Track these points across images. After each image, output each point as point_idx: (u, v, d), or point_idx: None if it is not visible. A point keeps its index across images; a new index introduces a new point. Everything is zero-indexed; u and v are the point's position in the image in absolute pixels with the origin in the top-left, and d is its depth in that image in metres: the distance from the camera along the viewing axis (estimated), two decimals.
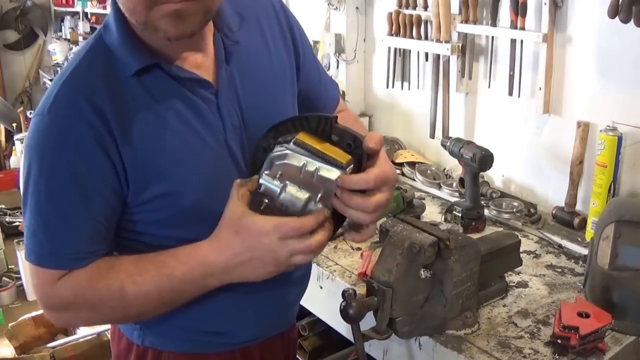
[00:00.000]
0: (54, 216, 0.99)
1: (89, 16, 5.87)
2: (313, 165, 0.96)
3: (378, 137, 0.99)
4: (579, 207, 1.87)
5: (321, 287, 1.65)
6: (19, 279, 3.57)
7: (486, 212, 1.91)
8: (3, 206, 4.39)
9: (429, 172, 2.28)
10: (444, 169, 2.29)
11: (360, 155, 0.99)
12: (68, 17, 6.26)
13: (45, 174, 0.98)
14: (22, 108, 5.77)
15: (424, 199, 2.13)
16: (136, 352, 1.17)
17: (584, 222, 1.79)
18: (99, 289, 1.00)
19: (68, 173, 0.97)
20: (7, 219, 4.18)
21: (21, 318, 2.88)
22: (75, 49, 5.71)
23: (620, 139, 1.67)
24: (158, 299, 1.02)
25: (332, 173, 0.96)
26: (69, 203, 0.98)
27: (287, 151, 0.97)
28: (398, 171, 2.33)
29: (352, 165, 0.98)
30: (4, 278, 3.60)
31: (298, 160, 0.96)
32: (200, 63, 1.05)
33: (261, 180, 0.98)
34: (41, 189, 0.98)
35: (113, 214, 1.02)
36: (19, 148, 5.02)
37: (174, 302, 1.04)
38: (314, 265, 1.58)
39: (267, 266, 0.98)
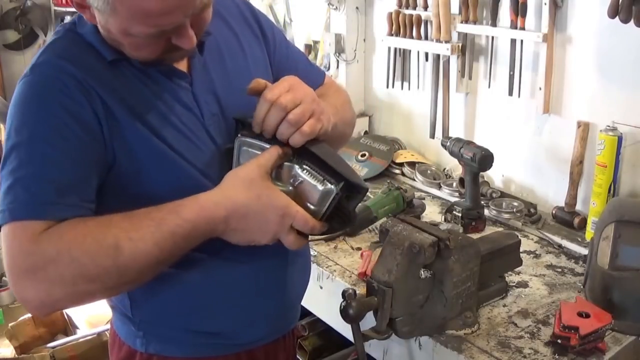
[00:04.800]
0: (33, 164, 0.92)
1: None
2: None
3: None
4: (579, 207, 1.87)
5: (321, 287, 1.65)
6: None
7: (486, 212, 1.91)
8: None
9: (429, 172, 2.28)
10: (444, 169, 2.29)
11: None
12: (68, 17, 6.24)
13: (28, 123, 0.95)
14: None
15: (424, 199, 2.13)
16: None
17: (584, 222, 1.79)
18: (88, 243, 0.89)
19: (51, 119, 0.94)
20: None
21: (21, 318, 2.87)
22: None
23: (620, 139, 1.67)
24: (152, 242, 0.93)
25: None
26: (50, 149, 0.93)
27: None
28: (398, 171, 2.33)
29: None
30: (4, 278, 3.59)
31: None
32: None
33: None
34: (22, 141, 0.93)
35: (96, 170, 0.98)
36: None
37: (171, 249, 0.95)
38: (313, 265, 1.58)
39: (265, 226, 0.99)
